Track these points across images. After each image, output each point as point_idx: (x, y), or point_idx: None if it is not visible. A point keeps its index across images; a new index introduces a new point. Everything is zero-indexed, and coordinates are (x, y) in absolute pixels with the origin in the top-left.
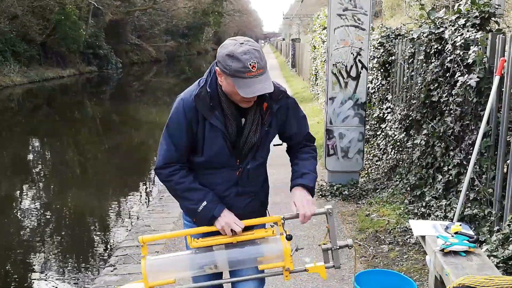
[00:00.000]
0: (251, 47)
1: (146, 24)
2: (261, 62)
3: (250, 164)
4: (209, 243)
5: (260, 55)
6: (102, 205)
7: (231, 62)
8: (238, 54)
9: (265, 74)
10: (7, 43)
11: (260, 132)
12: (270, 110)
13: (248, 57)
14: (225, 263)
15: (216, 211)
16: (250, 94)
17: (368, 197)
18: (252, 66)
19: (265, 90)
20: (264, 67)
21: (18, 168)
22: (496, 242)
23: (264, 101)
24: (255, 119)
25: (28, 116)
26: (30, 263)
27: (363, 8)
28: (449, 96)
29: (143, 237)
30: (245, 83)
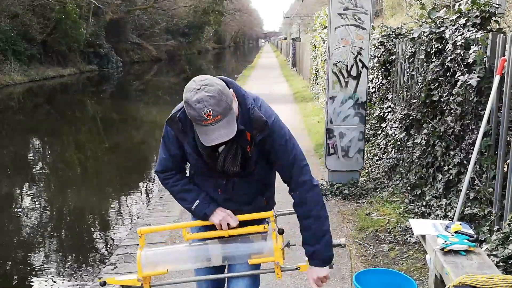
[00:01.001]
0: (206, 94)
1: (146, 23)
2: (218, 108)
3: (236, 179)
4: (201, 236)
5: (217, 101)
6: (102, 204)
7: (188, 109)
8: (192, 103)
9: (223, 120)
10: (7, 42)
11: (247, 164)
12: (254, 141)
13: (202, 106)
14: (219, 257)
15: (208, 209)
16: (207, 142)
17: (368, 196)
18: (206, 114)
19: (223, 138)
20: (223, 113)
21: (18, 167)
22: (496, 241)
23: (247, 131)
24: (231, 151)
25: (28, 115)
26: (30, 261)
27: (363, 8)
28: (449, 96)
29: (141, 228)
30: (203, 130)
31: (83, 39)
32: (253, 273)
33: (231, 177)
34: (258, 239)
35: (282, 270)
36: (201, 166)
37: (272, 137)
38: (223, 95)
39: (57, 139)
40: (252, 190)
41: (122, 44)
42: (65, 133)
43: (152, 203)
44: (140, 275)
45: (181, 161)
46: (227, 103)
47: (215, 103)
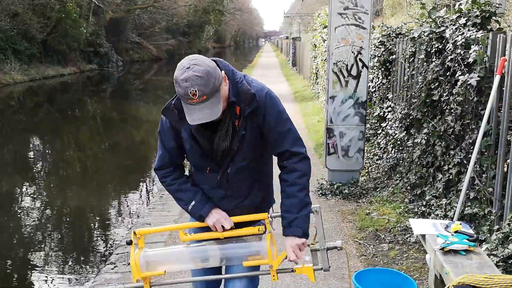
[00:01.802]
0: (193, 74)
1: (146, 22)
2: (204, 88)
3: (229, 168)
4: (197, 237)
5: (204, 82)
6: (102, 203)
7: (176, 87)
8: (179, 81)
9: (209, 101)
10: (7, 41)
11: (234, 137)
12: (243, 113)
13: (189, 84)
14: (216, 258)
15: (203, 210)
16: (192, 121)
17: (368, 196)
18: (192, 94)
19: (206, 119)
20: (209, 93)
21: (18, 166)
22: (496, 241)
23: (236, 104)
24: (225, 128)
25: (28, 114)
26: (30, 260)
27: (364, 7)
28: (449, 95)
29: (140, 230)
30: (189, 109)
31: (83, 38)
32: (250, 274)
33: (225, 167)
34: (254, 241)
35: (277, 272)
36: (197, 154)
37: (264, 109)
38: (210, 76)
39: (57, 139)
40: (246, 184)
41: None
42: (65, 132)
43: (152, 203)
44: (139, 276)
45: (177, 155)
46: (214, 85)
47: (202, 83)
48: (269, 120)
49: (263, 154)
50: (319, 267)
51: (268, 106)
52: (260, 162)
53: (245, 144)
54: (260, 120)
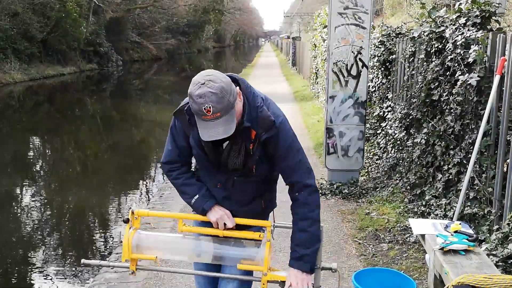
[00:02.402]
0: (208, 90)
1: (146, 21)
2: (218, 106)
3: (236, 177)
4: (196, 230)
5: (218, 99)
6: (102, 203)
7: (191, 102)
8: (194, 96)
9: (223, 118)
10: (7, 41)
11: (247, 161)
12: (259, 139)
13: (203, 101)
14: (209, 255)
15: (206, 204)
16: (205, 138)
17: (368, 195)
18: (206, 110)
19: (220, 136)
20: (222, 110)
21: (18, 165)
22: (496, 241)
23: (252, 128)
24: (235, 146)
25: (28, 113)
26: (30, 259)
27: (363, 7)
28: (449, 95)
29: (138, 210)
30: (203, 125)
31: (83, 37)
32: (242, 278)
33: (231, 174)
34: (251, 245)
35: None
36: (203, 160)
37: (278, 137)
38: (225, 92)
39: (57, 138)
40: (251, 192)
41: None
42: (65, 131)
43: (152, 202)
44: (128, 257)
45: (187, 154)
46: (229, 101)
47: (216, 100)
48: (280, 150)
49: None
50: None
51: (281, 136)
52: (268, 176)
53: (258, 167)
54: (271, 149)
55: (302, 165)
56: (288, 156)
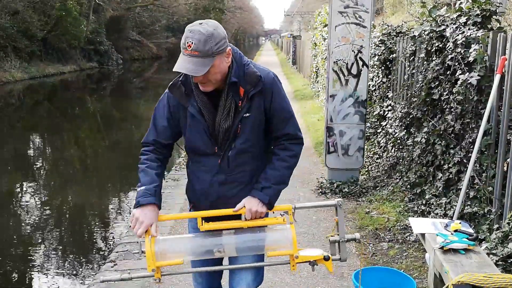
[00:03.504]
0: (199, 29)
1: (147, 20)
2: (199, 46)
3: (230, 151)
4: (219, 226)
5: (203, 40)
6: (102, 201)
7: (183, 36)
8: (186, 30)
9: (199, 58)
10: (8, 39)
11: (235, 118)
12: (247, 95)
13: (190, 35)
14: (232, 248)
15: (142, 199)
16: (175, 68)
17: (368, 194)
18: (187, 45)
19: (188, 71)
20: (203, 51)
21: (18, 164)
22: (496, 240)
23: (240, 86)
24: (227, 106)
25: (29, 112)
26: (30, 258)
27: (364, 6)
28: (449, 94)
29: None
30: (180, 57)
31: (83, 36)
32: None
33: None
34: (271, 231)
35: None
36: (199, 133)
37: (272, 92)
38: (213, 38)
39: (57, 136)
40: (248, 168)
41: (122, 42)
42: (65, 130)
43: None
44: (154, 266)
45: (166, 134)
46: (211, 48)
47: (201, 40)
48: (276, 103)
49: (264, 140)
50: (337, 257)
51: (275, 89)
52: (261, 148)
53: (248, 126)
54: (268, 102)
55: (294, 119)
56: (283, 108)
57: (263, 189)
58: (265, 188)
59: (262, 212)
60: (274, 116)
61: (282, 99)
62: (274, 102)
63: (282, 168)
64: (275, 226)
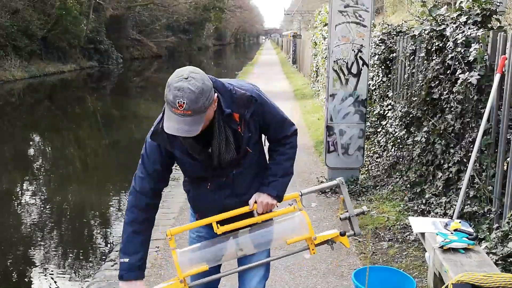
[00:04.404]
0: (187, 86)
1: (147, 19)
2: (192, 105)
3: (235, 171)
4: (235, 226)
5: (195, 98)
6: (102, 200)
7: (167, 91)
8: (172, 87)
9: (192, 117)
10: (8, 38)
11: (239, 145)
12: (243, 119)
13: (180, 94)
14: (250, 245)
15: (126, 274)
16: (167, 129)
17: (368, 193)
18: (179, 104)
19: (183, 133)
20: (194, 111)
21: (18, 163)
22: (496, 240)
23: (233, 112)
24: (222, 139)
25: (29, 111)
26: (30, 257)
27: (364, 5)
28: (449, 94)
29: (171, 230)
30: (170, 116)
31: (83, 35)
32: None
33: (229, 172)
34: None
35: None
36: (198, 168)
37: (263, 109)
38: (203, 95)
39: (58, 136)
40: (250, 178)
41: (122, 41)
42: (66, 129)
43: None
44: (181, 277)
45: (160, 179)
46: (203, 105)
47: (192, 98)
48: (269, 116)
49: (262, 148)
50: (351, 233)
51: (264, 103)
52: (259, 156)
53: (251, 146)
54: (261, 118)
55: (285, 120)
56: (274, 118)
57: (269, 184)
58: (272, 182)
59: (272, 205)
60: (271, 126)
61: (271, 109)
62: (268, 115)
63: (284, 161)
64: (287, 216)
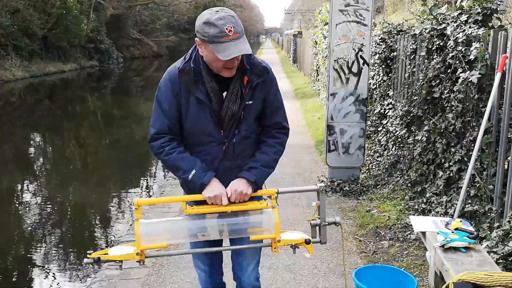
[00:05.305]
0: (226, 14)
1: (147, 18)
2: (237, 27)
3: (235, 137)
4: (203, 210)
5: (236, 21)
6: (103, 200)
7: (208, 29)
8: (214, 20)
9: (241, 38)
10: (8, 37)
11: (240, 104)
12: (251, 84)
13: (224, 22)
14: (216, 231)
15: (205, 178)
16: (228, 56)
17: (368, 193)
18: (228, 30)
19: (242, 52)
20: (241, 32)
21: (19, 162)
22: (496, 239)
23: (245, 75)
24: (235, 91)
25: (29, 110)
26: (31, 257)
27: (365, 4)
28: (450, 93)
29: (138, 200)
30: (223, 47)
31: (84, 34)
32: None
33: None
34: (256, 213)
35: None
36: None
37: (270, 84)
38: (237, 19)
39: (58, 135)
40: (249, 152)
41: (123, 40)
42: (66, 128)
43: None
44: (138, 249)
45: (176, 124)
46: (242, 27)
47: (235, 22)
48: (272, 94)
49: (259, 127)
50: (317, 240)
51: (274, 81)
52: (257, 135)
53: (250, 113)
54: (267, 93)
55: (283, 109)
56: (275, 98)
57: (250, 169)
58: (252, 168)
59: (246, 194)
60: (268, 106)
61: (277, 90)
62: (270, 94)
63: (270, 153)
64: (259, 210)
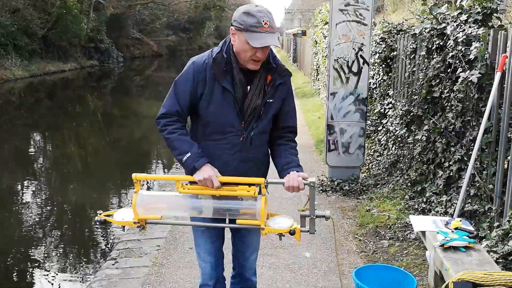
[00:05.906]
0: (265, 9)
1: (147, 18)
2: (273, 22)
3: (253, 131)
4: (195, 191)
5: (272, 17)
6: (103, 199)
7: (246, 18)
8: (253, 11)
9: (274, 34)
10: (8, 37)
11: (263, 100)
12: (273, 83)
13: (262, 15)
14: (210, 209)
15: (197, 163)
16: (259, 44)
17: (368, 192)
18: (264, 22)
19: (273, 43)
20: (275, 28)
21: (19, 162)
22: (496, 238)
23: (269, 73)
24: (259, 86)
25: (29, 110)
26: (31, 256)
27: (365, 3)
28: (450, 92)
29: (136, 175)
30: (256, 36)
31: (84, 34)
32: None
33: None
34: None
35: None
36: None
37: (289, 87)
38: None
39: (58, 134)
40: (264, 148)
41: (123, 39)
42: (66, 128)
43: None
44: (136, 218)
45: (186, 110)
46: (276, 25)
47: (272, 18)
48: (289, 97)
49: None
50: (306, 229)
51: (290, 85)
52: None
53: (270, 111)
54: (285, 93)
55: (296, 113)
56: (291, 103)
57: (299, 165)
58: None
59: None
60: (285, 107)
61: (292, 95)
62: (288, 97)
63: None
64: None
